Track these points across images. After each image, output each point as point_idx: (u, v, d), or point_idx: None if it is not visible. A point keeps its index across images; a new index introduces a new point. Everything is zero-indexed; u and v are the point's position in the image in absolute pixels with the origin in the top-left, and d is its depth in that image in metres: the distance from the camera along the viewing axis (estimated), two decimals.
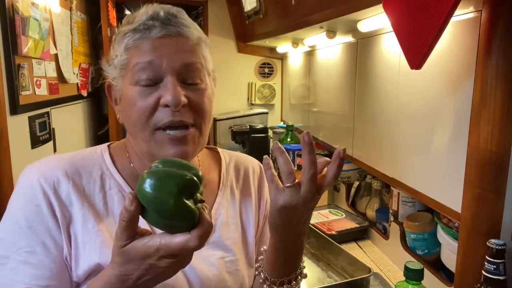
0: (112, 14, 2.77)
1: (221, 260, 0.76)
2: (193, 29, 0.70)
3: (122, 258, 0.53)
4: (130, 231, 0.52)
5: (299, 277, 0.74)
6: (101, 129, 2.98)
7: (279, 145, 0.62)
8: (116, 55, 0.70)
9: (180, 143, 0.68)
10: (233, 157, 0.89)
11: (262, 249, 0.77)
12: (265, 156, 0.64)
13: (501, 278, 0.80)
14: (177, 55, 0.67)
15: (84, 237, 0.68)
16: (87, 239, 0.68)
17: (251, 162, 0.91)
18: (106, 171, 0.74)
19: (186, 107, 0.67)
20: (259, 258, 0.76)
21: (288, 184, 0.60)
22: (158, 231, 0.53)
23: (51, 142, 2.07)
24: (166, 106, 0.66)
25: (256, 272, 0.75)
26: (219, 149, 0.90)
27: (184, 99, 0.66)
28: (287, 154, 0.62)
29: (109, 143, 0.81)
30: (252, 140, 2.58)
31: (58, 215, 0.68)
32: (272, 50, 2.91)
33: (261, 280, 0.73)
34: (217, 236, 0.77)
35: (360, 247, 1.57)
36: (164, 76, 0.67)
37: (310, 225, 1.61)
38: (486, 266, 0.81)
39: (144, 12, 0.69)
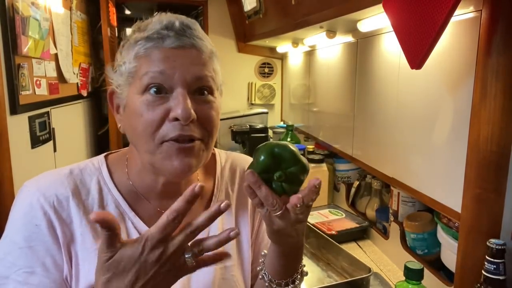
0: (113, 14, 2.77)
1: (216, 266, 0.76)
2: (206, 42, 0.68)
3: (110, 272, 0.51)
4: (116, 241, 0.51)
5: (301, 276, 0.74)
6: (101, 129, 2.98)
7: (254, 175, 0.60)
8: (124, 62, 0.67)
9: (187, 154, 0.65)
10: (229, 158, 0.88)
11: (262, 253, 0.76)
12: (245, 185, 0.61)
13: (501, 278, 0.80)
14: (190, 67, 0.64)
15: (83, 256, 0.68)
16: (87, 258, 0.67)
17: (248, 162, 0.89)
18: (103, 185, 0.73)
19: (195, 122, 0.65)
20: (260, 261, 0.76)
21: (276, 214, 0.60)
22: None
23: (51, 142, 2.07)
24: (175, 119, 0.63)
25: (260, 276, 0.75)
26: (217, 151, 0.88)
27: (194, 114, 0.64)
28: (265, 186, 0.60)
29: (106, 153, 0.79)
30: (252, 140, 2.58)
31: (59, 234, 0.67)
32: (272, 50, 2.91)
33: (266, 284, 0.73)
34: None
35: (360, 247, 1.57)
36: (175, 88, 0.64)
37: (310, 225, 1.62)
38: (486, 266, 0.81)
39: (158, 21, 0.66)
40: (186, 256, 0.53)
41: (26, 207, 0.67)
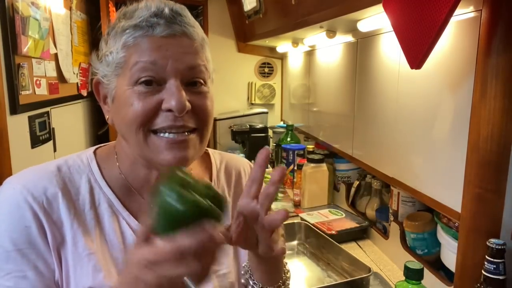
0: (113, 13, 2.77)
1: (213, 274, 0.74)
2: (197, 29, 0.66)
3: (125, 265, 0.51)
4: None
5: (288, 280, 0.73)
6: (101, 128, 2.98)
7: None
8: (111, 52, 0.64)
9: (180, 147, 0.64)
10: (223, 159, 0.86)
11: (243, 265, 0.74)
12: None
13: (501, 277, 0.80)
14: (182, 57, 0.62)
15: (75, 261, 0.65)
16: (78, 263, 0.64)
17: (242, 163, 0.88)
18: (94, 183, 0.69)
19: (189, 112, 0.63)
20: (242, 273, 0.73)
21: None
22: None
23: (51, 142, 2.07)
24: (169, 110, 0.62)
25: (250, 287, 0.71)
26: (210, 151, 0.86)
27: (188, 105, 0.62)
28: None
29: (95, 147, 0.76)
30: (252, 140, 2.58)
31: (49, 237, 0.63)
32: (272, 49, 2.90)
33: None
34: None
35: (360, 246, 1.57)
36: (168, 79, 0.62)
37: (310, 225, 1.62)
38: (486, 265, 0.81)
39: (146, 7, 0.63)
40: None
41: (12, 206, 0.63)
